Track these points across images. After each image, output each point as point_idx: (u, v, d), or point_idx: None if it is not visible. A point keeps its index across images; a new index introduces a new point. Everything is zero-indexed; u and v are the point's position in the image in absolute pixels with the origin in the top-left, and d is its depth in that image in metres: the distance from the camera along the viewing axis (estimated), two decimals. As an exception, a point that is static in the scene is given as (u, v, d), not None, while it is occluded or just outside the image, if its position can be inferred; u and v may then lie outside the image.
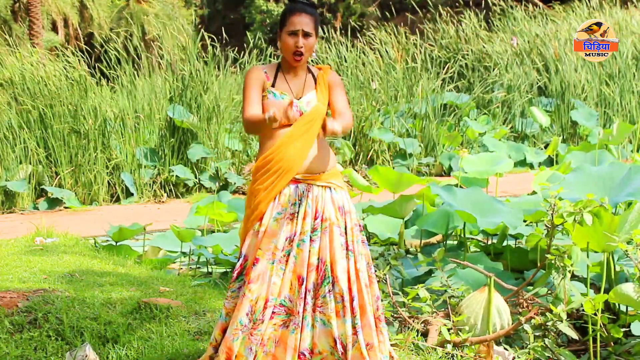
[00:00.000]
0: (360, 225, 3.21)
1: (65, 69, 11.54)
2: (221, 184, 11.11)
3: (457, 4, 20.16)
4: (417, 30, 16.59)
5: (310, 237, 3.06)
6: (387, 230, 6.18)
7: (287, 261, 3.04)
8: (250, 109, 3.11)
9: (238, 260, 3.13)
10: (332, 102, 3.24)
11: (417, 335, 3.98)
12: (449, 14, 17.04)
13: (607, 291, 4.31)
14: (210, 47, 11.97)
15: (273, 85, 3.16)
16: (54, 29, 25.88)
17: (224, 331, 3.10)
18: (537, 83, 14.62)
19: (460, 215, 5.29)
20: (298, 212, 3.08)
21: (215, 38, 12.41)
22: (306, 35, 3.11)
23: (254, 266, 3.02)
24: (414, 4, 17.07)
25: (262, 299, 3.01)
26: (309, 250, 3.05)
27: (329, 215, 3.09)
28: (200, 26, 12.71)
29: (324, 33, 15.94)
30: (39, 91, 10.92)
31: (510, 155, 11.70)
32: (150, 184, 11.05)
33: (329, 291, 3.02)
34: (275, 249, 3.04)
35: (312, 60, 3.22)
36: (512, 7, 17.09)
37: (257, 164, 3.13)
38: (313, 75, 3.24)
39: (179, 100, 11.52)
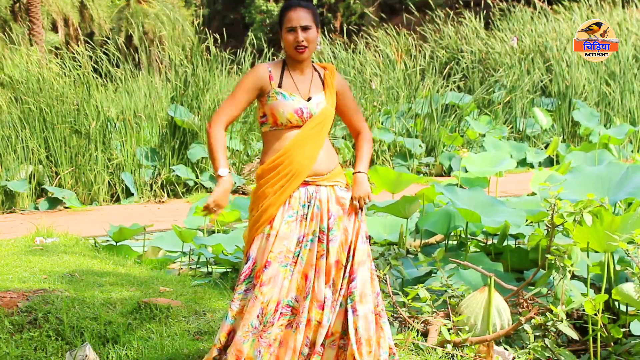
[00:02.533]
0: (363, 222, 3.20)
1: (69, 68, 11.54)
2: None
3: (456, 5, 20.15)
4: (414, 30, 16.57)
5: (319, 238, 3.06)
6: (384, 232, 6.14)
7: (295, 262, 3.04)
8: (225, 111, 3.10)
9: (245, 264, 3.09)
10: (346, 114, 3.24)
11: (417, 335, 3.98)
12: (447, 16, 17.02)
13: (607, 291, 4.31)
14: (212, 47, 11.97)
15: (280, 86, 3.10)
16: (54, 29, 25.90)
17: (229, 333, 3.09)
18: (541, 82, 14.60)
19: (464, 214, 5.26)
20: (307, 214, 3.07)
21: (215, 38, 12.41)
22: (305, 28, 3.07)
23: (265, 269, 3.00)
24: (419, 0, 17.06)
25: (273, 302, 2.99)
26: (317, 251, 3.05)
27: (337, 213, 3.09)
28: (203, 27, 12.67)
29: (323, 33, 15.92)
30: (40, 91, 10.92)
31: (512, 155, 11.70)
32: (150, 184, 11.04)
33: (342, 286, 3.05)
34: (288, 252, 3.02)
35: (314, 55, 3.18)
36: (513, 7, 17.08)
37: (264, 167, 3.08)
38: (319, 75, 3.19)
39: (180, 100, 11.51)
